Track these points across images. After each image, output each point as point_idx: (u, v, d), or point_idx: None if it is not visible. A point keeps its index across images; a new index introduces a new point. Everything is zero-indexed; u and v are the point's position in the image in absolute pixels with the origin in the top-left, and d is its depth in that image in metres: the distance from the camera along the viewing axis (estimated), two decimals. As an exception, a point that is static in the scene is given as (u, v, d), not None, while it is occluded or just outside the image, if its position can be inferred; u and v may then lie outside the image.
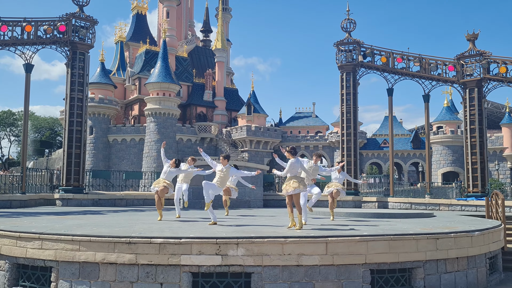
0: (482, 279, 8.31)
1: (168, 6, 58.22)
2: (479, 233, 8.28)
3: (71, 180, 17.25)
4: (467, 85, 18.56)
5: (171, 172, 10.70)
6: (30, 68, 17.38)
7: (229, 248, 6.80)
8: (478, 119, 18.20)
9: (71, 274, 6.96)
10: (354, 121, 19.63)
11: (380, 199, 18.77)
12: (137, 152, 50.46)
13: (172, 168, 10.68)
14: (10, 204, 15.15)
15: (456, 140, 50.91)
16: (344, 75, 19.70)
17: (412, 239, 7.45)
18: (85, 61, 18.05)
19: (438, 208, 17.01)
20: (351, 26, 20.09)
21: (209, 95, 58.47)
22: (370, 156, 55.70)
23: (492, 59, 18.28)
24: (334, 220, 10.76)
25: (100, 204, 17.18)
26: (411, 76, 19.51)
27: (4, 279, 7.49)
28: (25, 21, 17.21)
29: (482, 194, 17.35)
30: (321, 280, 6.95)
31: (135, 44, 59.38)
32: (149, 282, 6.77)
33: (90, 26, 18.20)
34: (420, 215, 12.68)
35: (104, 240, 6.90)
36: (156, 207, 10.73)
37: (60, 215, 11.94)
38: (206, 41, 68.51)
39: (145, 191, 20.84)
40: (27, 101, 17.32)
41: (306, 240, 7.01)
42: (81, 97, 17.81)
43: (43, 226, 8.44)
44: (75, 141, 17.47)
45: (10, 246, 7.45)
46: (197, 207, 16.93)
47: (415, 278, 7.48)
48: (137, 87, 55.07)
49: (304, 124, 58.16)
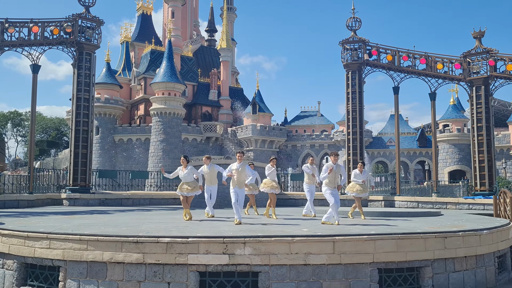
0: (491, 278, 8.25)
1: (173, 6, 58.33)
2: (487, 231, 8.21)
3: (78, 180, 17.31)
4: (473, 83, 18.42)
5: (188, 174, 10.31)
6: (37, 68, 17.46)
7: (236, 247, 6.79)
8: (485, 117, 18.05)
9: (79, 274, 6.99)
10: (360, 119, 19.54)
11: (386, 198, 18.69)
12: (142, 151, 50.65)
13: (185, 170, 10.29)
14: (18, 204, 15.24)
15: (463, 139, 50.61)
16: (349, 73, 19.61)
17: (420, 238, 7.41)
18: (91, 61, 18.10)
19: (445, 206, 16.91)
20: (356, 24, 20.00)
21: (214, 94, 58.53)
22: (376, 155, 55.52)
23: (499, 56, 18.11)
24: (365, 219, 10.85)
25: (107, 203, 17.24)
26: (417, 74, 19.38)
27: (13, 279, 7.54)
28: (32, 22, 17.29)
29: (489, 193, 17.21)
30: (328, 279, 6.92)
31: (141, 44, 59.56)
32: (157, 281, 6.78)
33: (96, 27, 18.25)
34: (427, 213, 12.61)
35: (112, 239, 6.92)
36: (183, 206, 10.44)
37: (67, 214, 12.00)
38: (211, 40, 68.59)
39: (151, 190, 20.89)
40: (34, 102, 17.40)
41: (313, 239, 6.99)
42: (88, 97, 17.87)
43: (51, 225, 8.48)
44: (82, 141, 17.53)
45: (19, 245, 7.49)
46: (203, 207, 16.91)
47: (423, 277, 7.43)
48: (143, 87, 55.24)
49: (310, 123, 58.07)
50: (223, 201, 17.22)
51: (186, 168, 10.34)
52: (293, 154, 55.92)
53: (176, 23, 57.69)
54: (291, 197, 19.73)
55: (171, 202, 18.23)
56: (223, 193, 17.21)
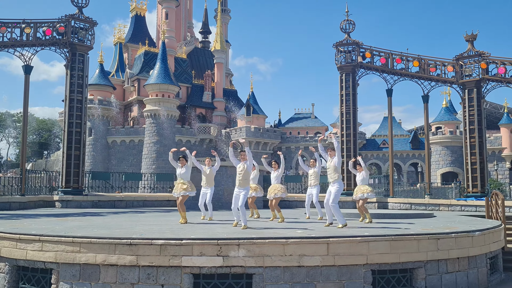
0: (483, 279, 8.31)
1: (167, 8, 58.24)
2: (479, 233, 8.28)
3: (70, 181, 17.20)
4: (466, 86, 18.57)
5: (186, 171, 9.92)
6: (29, 69, 17.35)
7: (230, 249, 6.79)
8: (477, 120, 18.21)
9: (72, 276, 6.94)
10: (354, 121, 19.62)
11: (380, 199, 18.76)
12: (136, 153, 50.41)
13: (183, 168, 9.88)
14: (9, 206, 15.11)
15: (455, 141, 50.98)
16: (343, 76, 19.69)
17: (413, 240, 7.45)
18: (85, 62, 18.02)
19: (438, 208, 17.01)
20: (350, 27, 20.09)
21: (208, 96, 58.47)
22: (369, 157, 55.72)
23: (491, 59, 18.28)
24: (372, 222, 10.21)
25: (100, 205, 17.15)
26: (410, 76, 19.51)
27: (4, 281, 7.47)
28: (24, 22, 17.18)
29: (481, 194, 17.34)
30: (322, 281, 6.94)
31: (134, 46, 59.36)
32: (150, 283, 6.75)
33: (89, 28, 18.18)
34: (421, 215, 12.68)
35: (105, 241, 6.88)
36: (178, 209, 9.92)
37: (59, 216, 11.91)
38: (205, 42, 68.55)
39: (144, 192, 20.80)
40: (26, 103, 17.28)
41: (307, 241, 7.00)
42: (81, 98, 17.77)
43: (43, 228, 8.42)
44: (75, 143, 17.43)
45: (10, 248, 7.43)
46: (198, 209, 16.87)
47: (416, 279, 7.47)
48: (136, 89, 55.03)
49: (304, 125, 58.22)
50: (217, 203, 17.18)
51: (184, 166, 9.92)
52: (287, 156, 55.99)
53: (170, 24, 57.59)
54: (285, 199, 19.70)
55: (164, 204, 18.17)
56: (217, 195, 17.18)
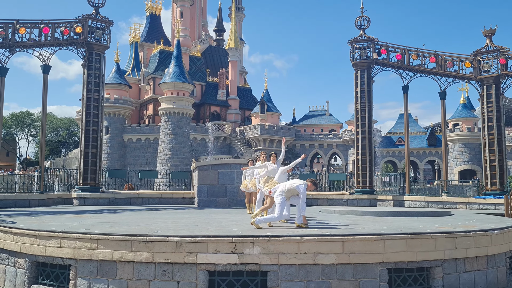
0: (502, 279, 8.16)
1: (181, 6, 58.55)
2: (498, 231, 8.13)
3: (87, 179, 17.46)
4: (484, 82, 18.24)
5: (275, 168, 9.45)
6: (47, 69, 17.63)
7: (245, 246, 6.80)
8: (496, 116, 17.87)
9: (89, 272, 7.05)
10: (369, 119, 19.44)
11: (395, 197, 18.57)
12: (151, 151, 50.92)
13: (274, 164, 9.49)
14: (29, 203, 15.40)
15: (473, 138, 50.14)
16: (358, 72, 19.53)
17: (430, 238, 7.35)
18: (101, 61, 18.24)
19: (456, 206, 16.77)
20: (365, 23, 19.91)
21: (223, 94, 58.63)
22: (385, 154, 55.21)
23: (510, 54, 17.91)
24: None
25: (116, 203, 17.36)
26: (426, 73, 19.24)
27: (24, 277, 7.62)
28: (43, 23, 17.46)
29: (500, 192, 17.03)
30: (337, 279, 6.90)
31: (149, 45, 59.88)
32: (166, 280, 6.81)
33: (105, 27, 18.38)
34: (438, 213, 12.51)
35: (122, 238, 6.96)
36: (262, 205, 9.58)
37: (77, 214, 12.10)
38: (219, 40, 68.74)
39: (160, 190, 20.99)
40: (45, 103, 17.57)
41: (322, 239, 6.97)
42: (97, 97, 18.00)
43: (62, 224, 8.56)
44: (92, 141, 17.67)
45: (30, 244, 7.57)
46: (212, 206, 16.99)
47: (433, 277, 7.37)
48: (152, 87, 55.52)
49: (318, 123, 57.97)
50: (231, 200, 17.26)
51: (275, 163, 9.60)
52: (301, 154, 55.83)
53: (184, 23, 57.90)
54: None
55: (179, 202, 18.31)
56: (231, 192, 17.25)
